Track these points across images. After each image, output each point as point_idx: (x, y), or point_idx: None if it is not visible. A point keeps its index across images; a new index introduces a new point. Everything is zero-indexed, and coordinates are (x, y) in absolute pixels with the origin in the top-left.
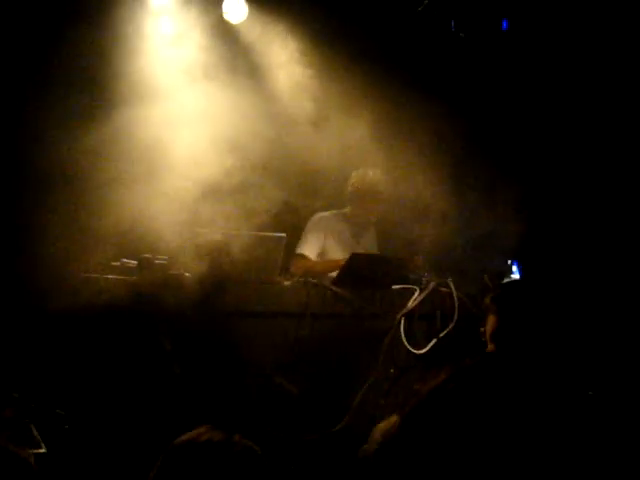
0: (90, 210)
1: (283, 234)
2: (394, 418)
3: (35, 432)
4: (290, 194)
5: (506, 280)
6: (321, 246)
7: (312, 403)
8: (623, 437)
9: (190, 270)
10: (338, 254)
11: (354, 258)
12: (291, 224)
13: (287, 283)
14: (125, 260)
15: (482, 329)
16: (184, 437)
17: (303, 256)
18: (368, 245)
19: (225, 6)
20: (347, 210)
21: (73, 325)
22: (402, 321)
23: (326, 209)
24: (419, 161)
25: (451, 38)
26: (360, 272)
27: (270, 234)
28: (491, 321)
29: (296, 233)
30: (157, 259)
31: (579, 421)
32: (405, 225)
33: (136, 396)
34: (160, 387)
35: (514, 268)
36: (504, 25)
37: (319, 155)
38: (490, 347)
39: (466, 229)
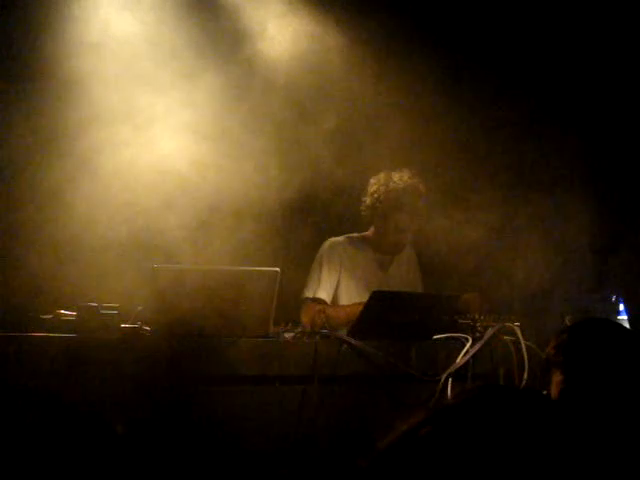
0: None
1: (276, 268)
2: None
3: None
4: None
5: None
6: (336, 283)
7: None
8: None
9: (151, 323)
10: (360, 294)
11: (377, 297)
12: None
13: (287, 336)
14: (61, 311)
15: (545, 392)
16: None
17: (317, 300)
18: (401, 277)
19: None
20: (369, 232)
21: None
22: (449, 384)
23: (340, 233)
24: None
25: None
26: (387, 316)
27: (260, 269)
28: (556, 379)
29: (297, 268)
30: (104, 308)
31: None
32: (455, 250)
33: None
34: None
35: (621, 307)
36: None
37: (325, 160)
38: None
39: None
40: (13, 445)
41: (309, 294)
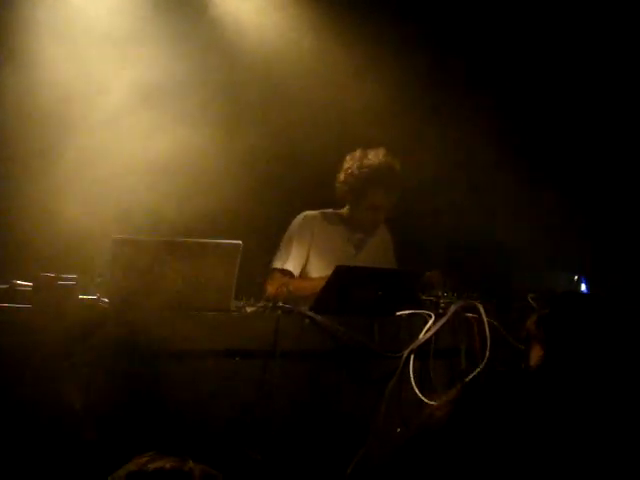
0: None
1: (238, 241)
2: None
3: None
4: (260, 186)
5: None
6: (306, 257)
7: (286, 476)
8: None
9: (109, 295)
10: (329, 269)
11: (340, 272)
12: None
13: (249, 310)
14: (17, 282)
15: (522, 365)
16: (122, 471)
17: (285, 272)
18: (375, 256)
19: None
20: (344, 210)
21: None
22: (411, 360)
23: (315, 207)
24: (441, 136)
25: None
26: (350, 292)
27: (221, 241)
28: (535, 354)
29: (266, 240)
30: (61, 279)
31: None
32: (421, 226)
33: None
34: (66, 462)
35: (582, 287)
36: None
37: (301, 130)
38: None
39: (510, 231)
40: None
41: (277, 265)
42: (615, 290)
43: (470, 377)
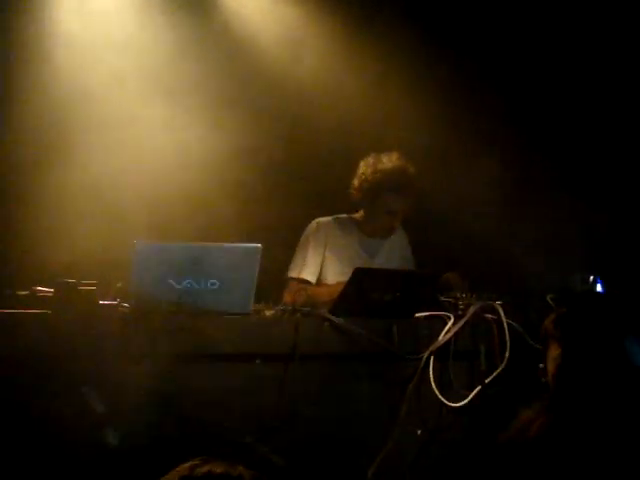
0: None
1: (258, 244)
2: None
3: None
4: (275, 193)
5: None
6: (321, 264)
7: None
8: None
9: (129, 299)
10: (345, 276)
11: (359, 274)
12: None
13: (268, 313)
14: (38, 288)
15: (541, 365)
16: (173, 474)
17: (301, 280)
18: (391, 258)
19: None
20: (358, 215)
21: None
22: (431, 362)
23: (329, 214)
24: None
25: None
26: (368, 294)
27: (241, 245)
28: (554, 353)
29: (284, 246)
30: (82, 285)
31: None
32: (437, 228)
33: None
34: (90, 468)
35: (598, 287)
36: None
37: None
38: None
39: (528, 233)
40: None
41: (293, 274)
42: (631, 290)
43: (490, 378)
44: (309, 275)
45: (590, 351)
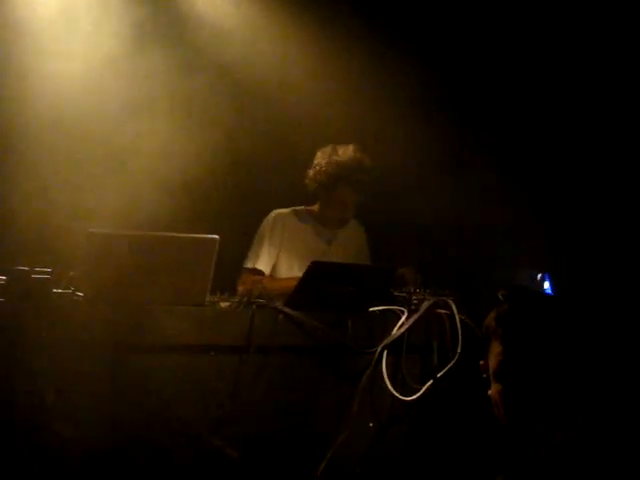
0: None
1: (215, 236)
2: None
3: None
4: (233, 181)
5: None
6: (276, 256)
7: (260, 472)
8: None
9: (84, 288)
10: (301, 267)
11: (315, 268)
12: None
13: (223, 305)
14: None
15: (481, 362)
16: None
17: (256, 271)
18: (346, 252)
19: None
20: (315, 206)
21: None
22: (384, 356)
23: (286, 205)
24: (410, 132)
25: None
26: (324, 287)
27: (198, 236)
28: (495, 350)
29: (240, 237)
30: (36, 273)
31: None
32: (392, 223)
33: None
34: (37, 458)
35: (546, 284)
36: None
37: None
38: (494, 389)
39: (478, 229)
40: None
41: (248, 264)
42: (577, 287)
43: (442, 373)
44: (263, 266)
45: (530, 349)
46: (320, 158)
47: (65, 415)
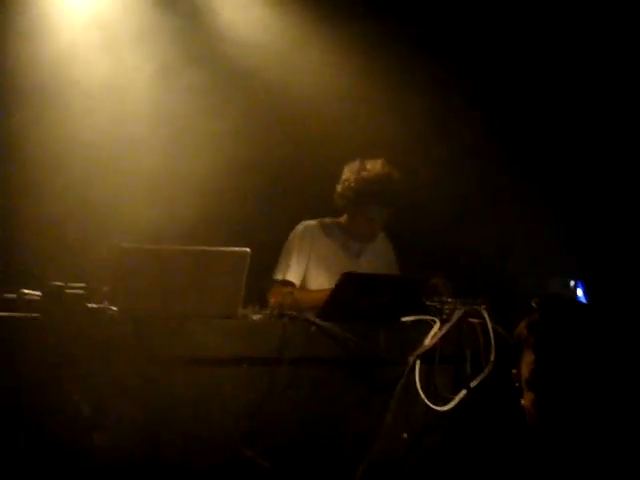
0: None
1: (246, 249)
2: None
3: None
4: (263, 196)
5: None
6: (305, 267)
7: None
8: None
9: (117, 303)
10: (330, 279)
11: (346, 279)
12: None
13: (255, 317)
14: (25, 291)
15: (514, 371)
16: None
17: (286, 282)
18: (375, 263)
19: None
20: (342, 219)
21: None
22: (417, 366)
23: (313, 216)
24: (445, 144)
25: None
26: (356, 298)
27: (229, 249)
28: (528, 359)
29: (270, 249)
30: (70, 288)
31: None
32: (423, 233)
33: None
34: (76, 467)
35: (579, 292)
36: None
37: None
38: (527, 398)
39: (512, 236)
40: None
41: (279, 276)
42: (611, 295)
43: (476, 382)
44: (293, 277)
45: (563, 358)
46: (348, 173)
47: (101, 428)
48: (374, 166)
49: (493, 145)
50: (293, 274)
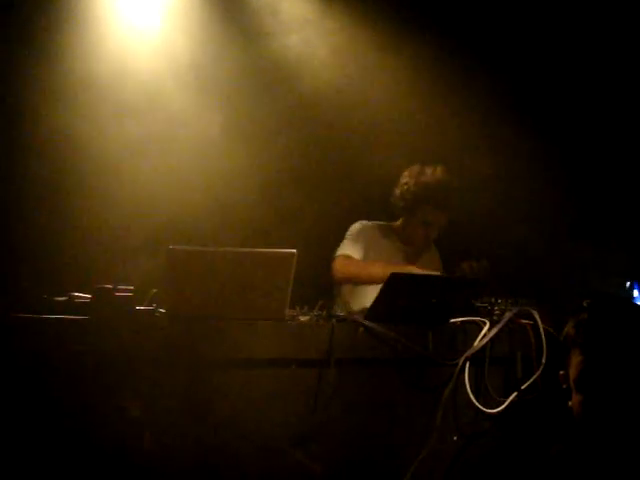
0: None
1: (293, 250)
2: None
3: None
4: (313, 197)
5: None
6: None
7: None
8: None
9: (166, 305)
10: None
11: (395, 280)
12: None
13: (303, 319)
14: (75, 294)
15: (561, 372)
16: None
17: (347, 257)
18: (427, 267)
19: None
20: (397, 223)
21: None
22: (467, 368)
23: (368, 219)
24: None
25: None
26: (404, 299)
27: (276, 250)
28: (575, 360)
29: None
30: (119, 290)
31: None
32: (470, 233)
33: None
34: (125, 469)
35: (635, 293)
36: None
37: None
38: (575, 399)
39: (568, 237)
40: (25, 432)
41: (340, 252)
42: None
43: (527, 384)
44: (355, 254)
45: (612, 358)
46: (407, 177)
47: (150, 429)
48: (434, 171)
49: (540, 151)
50: (352, 251)
